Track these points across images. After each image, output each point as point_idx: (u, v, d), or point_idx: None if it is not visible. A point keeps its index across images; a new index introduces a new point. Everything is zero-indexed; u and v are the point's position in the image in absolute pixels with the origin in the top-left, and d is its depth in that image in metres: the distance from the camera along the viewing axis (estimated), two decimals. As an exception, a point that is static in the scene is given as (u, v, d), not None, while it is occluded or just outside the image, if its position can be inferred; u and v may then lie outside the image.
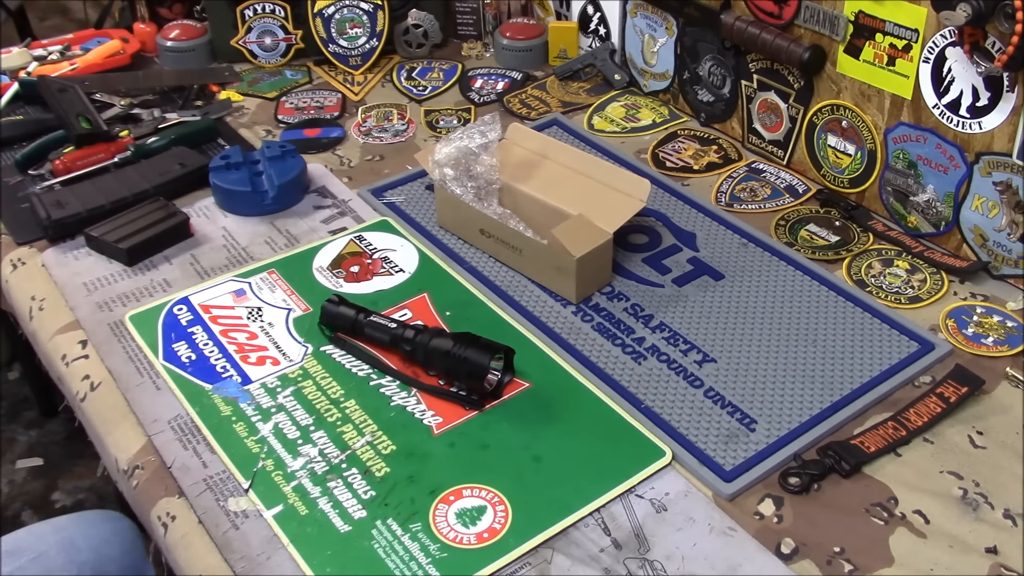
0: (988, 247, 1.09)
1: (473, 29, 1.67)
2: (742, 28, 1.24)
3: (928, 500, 0.84)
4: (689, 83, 1.40)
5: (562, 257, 1.03)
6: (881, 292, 1.08)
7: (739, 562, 0.79)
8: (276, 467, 0.87)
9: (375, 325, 0.99)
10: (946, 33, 1.04)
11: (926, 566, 0.79)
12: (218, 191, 1.23)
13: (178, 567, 0.83)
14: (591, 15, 1.53)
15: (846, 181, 1.22)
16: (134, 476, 0.89)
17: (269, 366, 0.98)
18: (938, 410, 0.92)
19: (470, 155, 1.11)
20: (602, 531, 0.82)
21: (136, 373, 0.98)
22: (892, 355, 0.99)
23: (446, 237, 1.17)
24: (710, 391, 0.95)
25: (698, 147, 1.35)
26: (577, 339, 1.02)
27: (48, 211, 1.16)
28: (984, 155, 1.05)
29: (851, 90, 1.17)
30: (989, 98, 1.03)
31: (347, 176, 1.30)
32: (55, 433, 2.00)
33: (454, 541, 0.80)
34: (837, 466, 0.87)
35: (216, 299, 1.07)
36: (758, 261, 1.12)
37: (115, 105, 1.42)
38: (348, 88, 1.52)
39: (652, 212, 1.21)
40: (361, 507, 0.83)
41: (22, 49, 1.57)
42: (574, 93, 1.51)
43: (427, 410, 0.93)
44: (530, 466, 0.87)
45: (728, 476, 0.86)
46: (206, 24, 1.60)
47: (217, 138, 1.38)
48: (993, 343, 1.01)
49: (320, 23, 1.55)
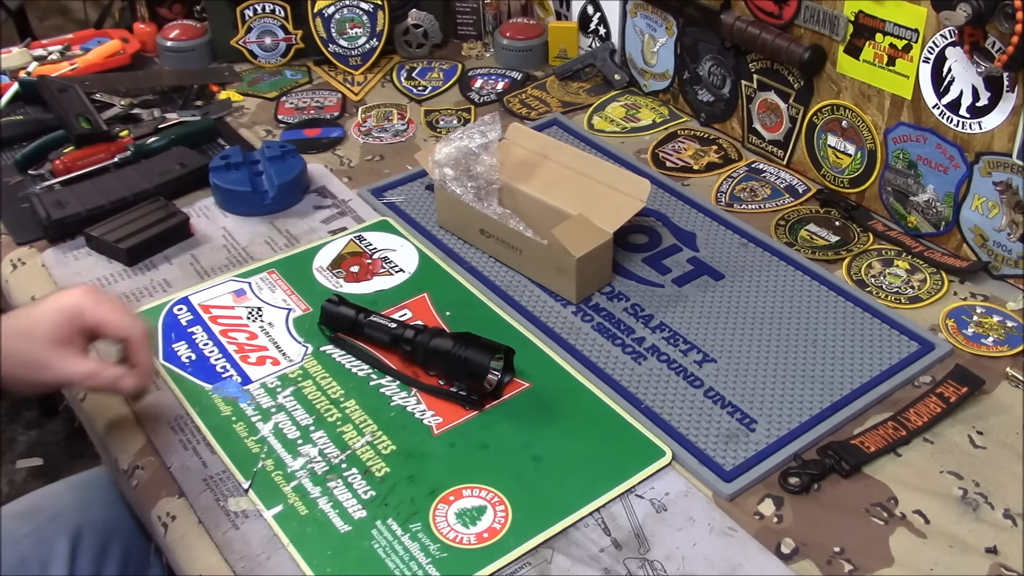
0: (988, 247, 1.09)
1: (473, 29, 1.67)
2: (742, 28, 1.24)
3: (928, 500, 0.84)
4: (689, 83, 1.40)
5: (562, 257, 1.03)
6: (881, 292, 1.08)
7: (739, 562, 0.79)
8: (276, 467, 0.87)
9: (375, 325, 0.99)
10: (946, 33, 1.04)
11: (926, 566, 0.79)
12: (218, 191, 1.23)
13: (178, 567, 0.83)
14: (591, 15, 1.53)
15: (846, 181, 1.22)
16: (134, 476, 0.89)
17: (269, 366, 0.98)
18: (938, 410, 0.92)
19: (470, 155, 1.11)
20: (602, 531, 0.82)
21: (136, 373, 0.98)
22: (892, 355, 0.99)
23: (446, 237, 1.17)
24: (710, 391, 0.95)
25: (698, 147, 1.35)
26: (577, 339, 1.02)
27: (48, 211, 1.16)
28: (984, 155, 1.05)
29: (851, 90, 1.17)
30: (989, 98, 1.03)
31: (347, 176, 1.30)
32: (55, 433, 2.00)
33: (454, 541, 0.80)
34: (837, 466, 0.87)
35: (216, 299, 1.07)
36: (758, 261, 1.12)
37: (115, 105, 1.42)
38: (348, 88, 1.52)
39: (652, 212, 1.21)
40: (361, 507, 0.83)
41: (22, 49, 1.57)
42: (574, 93, 1.51)
43: (427, 410, 0.93)
44: (530, 466, 0.87)
45: (728, 476, 0.86)
46: (206, 24, 1.60)
47: (217, 138, 1.38)
48: (993, 343, 1.01)
49: (320, 23, 1.55)
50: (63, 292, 0.86)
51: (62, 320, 0.83)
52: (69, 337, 0.83)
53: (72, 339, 0.83)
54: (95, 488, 1.03)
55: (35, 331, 0.82)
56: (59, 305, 0.84)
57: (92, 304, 0.84)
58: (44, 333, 0.82)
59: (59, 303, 0.84)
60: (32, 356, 0.82)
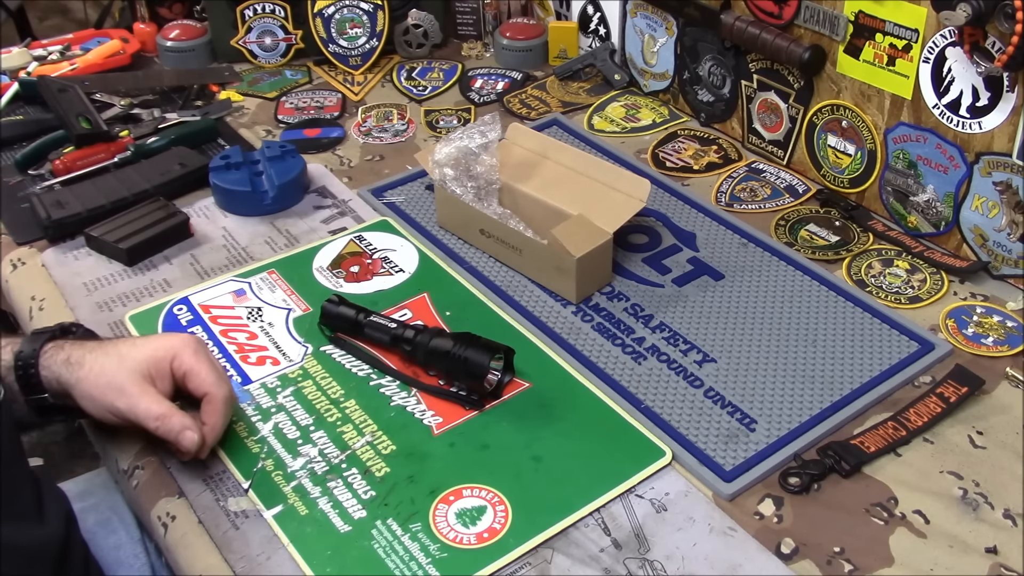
0: (988, 247, 1.09)
1: (473, 29, 1.67)
2: (742, 28, 1.24)
3: (928, 500, 0.84)
4: (689, 83, 1.40)
5: (562, 257, 1.03)
6: (881, 292, 1.08)
7: (739, 562, 0.79)
8: (276, 467, 0.87)
9: (375, 325, 0.99)
10: (946, 33, 1.04)
11: (926, 566, 0.79)
12: (218, 191, 1.23)
13: (178, 567, 0.83)
14: (591, 15, 1.53)
15: (846, 181, 1.22)
16: (134, 476, 0.89)
17: (269, 366, 0.98)
18: (938, 410, 0.92)
19: (470, 155, 1.11)
20: (602, 531, 0.82)
21: (136, 373, 0.98)
22: (892, 355, 0.99)
23: (446, 237, 1.17)
24: (710, 391, 0.95)
25: (698, 147, 1.35)
26: (577, 339, 1.02)
27: (48, 211, 1.16)
28: (984, 155, 1.05)
29: (851, 90, 1.17)
30: (989, 98, 1.03)
31: (347, 176, 1.30)
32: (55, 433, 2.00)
33: (454, 541, 0.80)
34: (837, 466, 0.87)
35: (216, 299, 1.07)
36: (758, 261, 1.12)
37: (115, 105, 1.42)
38: (348, 88, 1.52)
39: (652, 212, 1.21)
40: (361, 507, 0.83)
41: (22, 49, 1.57)
42: (574, 93, 1.51)
43: (427, 410, 0.93)
44: (530, 466, 0.87)
45: (728, 476, 0.86)
46: (206, 24, 1.60)
47: (217, 138, 1.38)
48: (993, 343, 1.01)
49: (320, 23, 1.55)
50: (169, 334, 0.92)
51: (157, 357, 0.86)
52: (157, 375, 0.85)
53: (158, 378, 0.86)
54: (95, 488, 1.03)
55: (129, 358, 0.85)
56: (159, 343, 0.87)
57: (189, 352, 0.86)
58: (136, 362, 0.85)
59: (160, 341, 0.87)
60: (117, 380, 0.84)
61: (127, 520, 0.98)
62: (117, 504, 0.99)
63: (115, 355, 0.85)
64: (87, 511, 0.97)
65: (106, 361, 0.85)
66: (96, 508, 0.98)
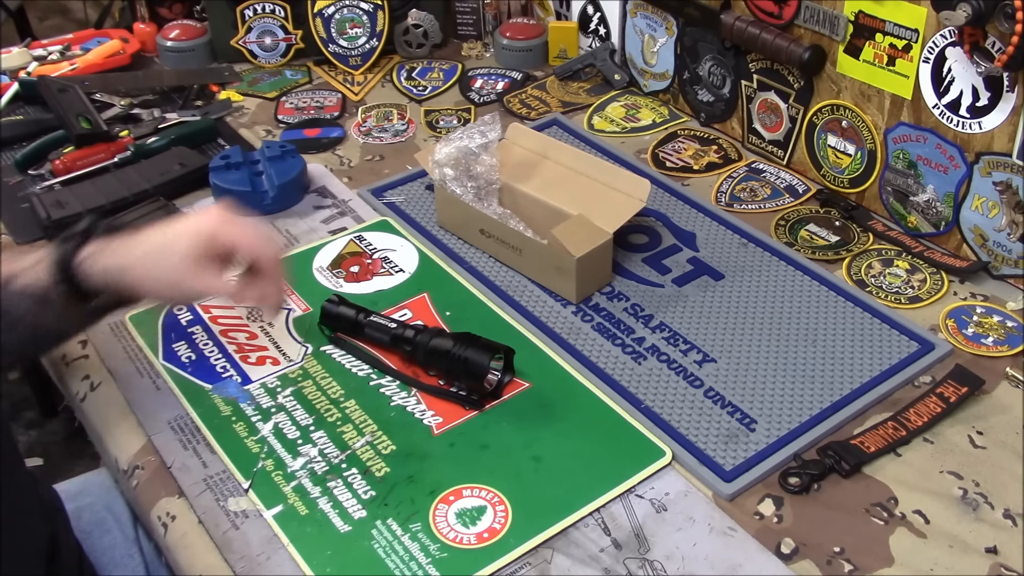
0: (988, 247, 1.09)
1: (473, 29, 1.67)
2: (742, 28, 1.24)
3: (928, 500, 0.84)
4: (689, 83, 1.40)
5: (562, 257, 1.03)
6: (881, 292, 1.08)
7: (739, 562, 0.79)
8: (276, 467, 0.87)
9: (375, 325, 0.99)
10: (946, 33, 1.04)
11: (926, 566, 0.79)
12: (218, 191, 1.23)
13: (178, 567, 0.83)
14: (591, 15, 1.53)
15: (846, 181, 1.22)
16: (134, 476, 0.89)
17: (269, 366, 0.98)
18: (938, 410, 0.92)
19: (470, 155, 1.11)
20: (602, 531, 0.82)
21: (136, 373, 0.98)
22: (892, 355, 0.99)
23: (446, 237, 1.17)
24: (710, 391, 0.95)
25: (698, 147, 1.35)
26: (577, 339, 1.02)
27: (48, 211, 1.17)
28: (984, 155, 1.05)
29: (851, 90, 1.17)
30: (989, 98, 1.03)
31: (347, 176, 1.30)
32: (55, 433, 2.00)
33: (454, 541, 0.80)
34: (837, 466, 0.87)
35: (216, 299, 1.07)
36: (758, 261, 1.12)
37: (115, 105, 1.42)
38: (348, 88, 1.52)
39: (652, 212, 1.21)
40: (361, 507, 0.83)
41: (22, 49, 1.57)
42: (574, 93, 1.51)
43: (427, 410, 0.93)
44: (530, 466, 0.87)
45: (728, 476, 0.86)
46: (206, 24, 1.60)
47: (217, 138, 1.38)
48: (993, 343, 1.01)
49: (320, 23, 1.55)
50: (196, 214, 0.87)
51: (199, 242, 0.84)
52: (207, 258, 0.84)
53: (208, 261, 0.84)
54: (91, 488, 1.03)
55: (172, 251, 0.83)
56: (194, 228, 0.84)
57: (226, 227, 0.85)
58: (182, 254, 0.83)
59: (193, 227, 0.85)
60: (170, 276, 0.83)
61: (122, 520, 0.98)
62: (112, 504, 0.99)
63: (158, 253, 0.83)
64: (82, 511, 0.97)
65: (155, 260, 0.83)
66: (91, 508, 0.98)
